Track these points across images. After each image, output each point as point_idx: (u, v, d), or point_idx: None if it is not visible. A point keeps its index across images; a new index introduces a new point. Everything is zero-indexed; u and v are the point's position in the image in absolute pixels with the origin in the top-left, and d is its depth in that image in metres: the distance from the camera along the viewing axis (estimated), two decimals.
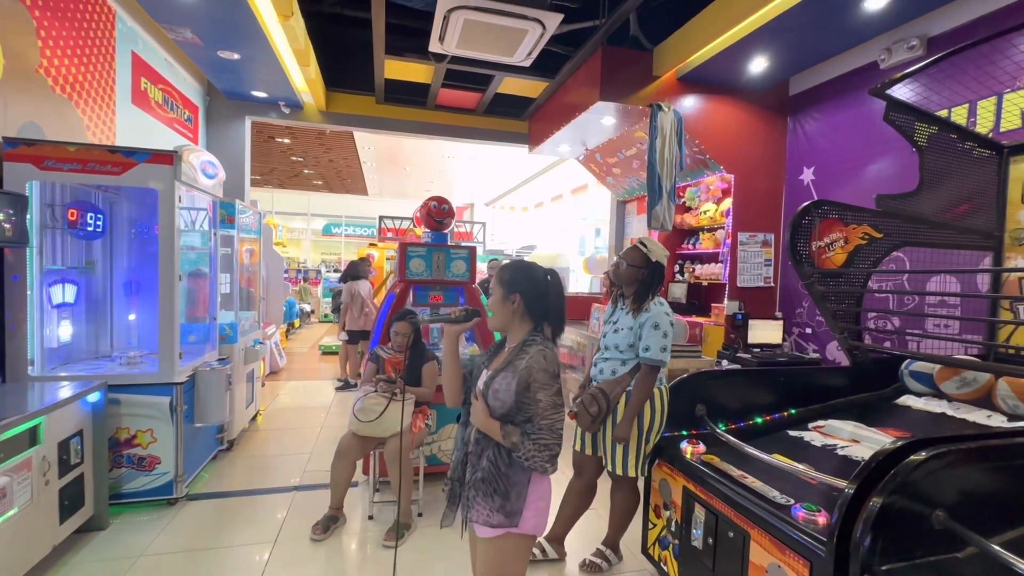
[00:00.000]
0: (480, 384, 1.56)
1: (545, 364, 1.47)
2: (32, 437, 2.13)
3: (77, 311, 3.07)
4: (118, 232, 3.33)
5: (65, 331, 2.97)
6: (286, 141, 9.29)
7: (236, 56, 4.32)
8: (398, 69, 5.17)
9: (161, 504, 2.88)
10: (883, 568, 1.29)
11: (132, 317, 3.38)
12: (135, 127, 3.98)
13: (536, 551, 2.48)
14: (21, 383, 2.56)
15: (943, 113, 3.03)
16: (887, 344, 3.37)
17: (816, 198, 3.90)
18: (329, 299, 11.62)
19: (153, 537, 2.59)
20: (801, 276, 2.53)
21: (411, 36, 4.52)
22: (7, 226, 2.40)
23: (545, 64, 4.74)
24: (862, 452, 1.97)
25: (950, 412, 2.29)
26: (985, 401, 2.29)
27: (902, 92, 2.60)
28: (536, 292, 1.57)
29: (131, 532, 2.62)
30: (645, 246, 2.31)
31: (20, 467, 2.03)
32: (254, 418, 4.47)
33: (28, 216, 2.56)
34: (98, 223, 3.08)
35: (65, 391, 2.39)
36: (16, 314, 2.57)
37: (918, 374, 2.55)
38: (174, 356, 2.84)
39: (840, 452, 2.01)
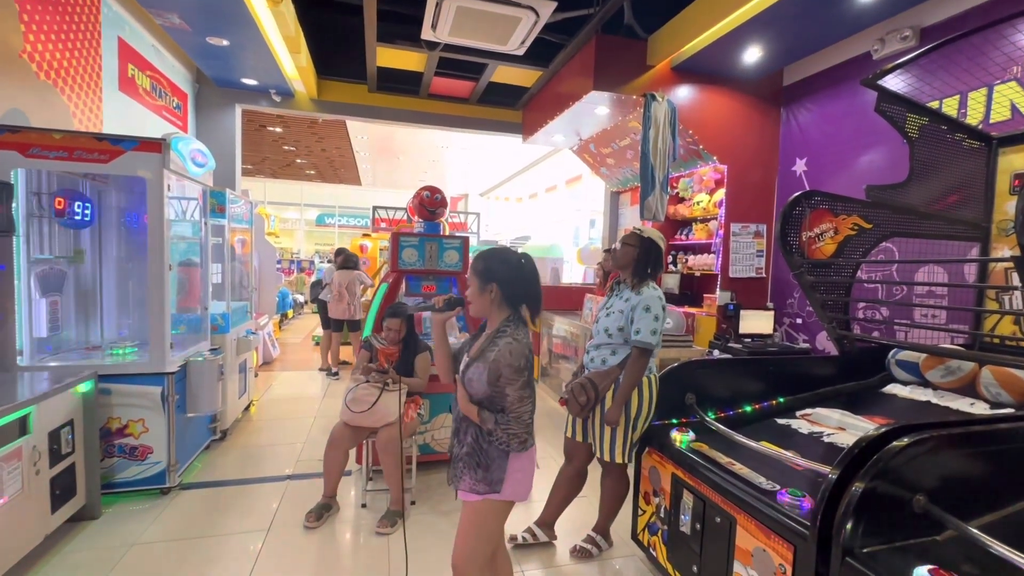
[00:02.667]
0: (461, 369, 1.67)
1: (511, 359, 1.54)
2: (22, 427, 2.12)
3: (66, 301, 3.04)
4: (107, 221, 3.29)
5: (55, 321, 2.94)
6: (278, 130, 9.18)
7: (225, 43, 4.26)
8: (390, 57, 5.12)
9: (154, 493, 2.89)
10: (864, 551, 1.32)
11: (122, 307, 3.35)
12: (122, 115, 3.92)
13: (527, 535, 2.51)
14: (10, 373, 2.54)
15: (934, 104, 3.04)
16: (875, 334, 3.42)
17: (808, 189, 3.92)
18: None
19: (146, 526, 2.60)
20: (791, 266, 2.55)
21: (403, 23, 4.47)
22: None
23: (539, 53, 4.71)
24: (848, 439, 2.00)
25: (935, 400, 2.32)
26: (969, 389, 2.33)
27: (894, 83, 2.61)
28: (511, 279, 1.62)
29: (124, 521, 2.63)
30: (640, 229, 2.35)
31: (10, 457, 2.03)
32: (247, 408, 4.47)
33: (14, 204, 2.53)
34: (86, 212, 3.04)
35: (55, 381, 2.38)
36: (4, 303, 2.54)
37: (904, 363, 2.59)
38: (165, 346, 2.83)
39: (826, 439, 2.04)
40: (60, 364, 2.74)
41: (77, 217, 2.96)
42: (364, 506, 2.89)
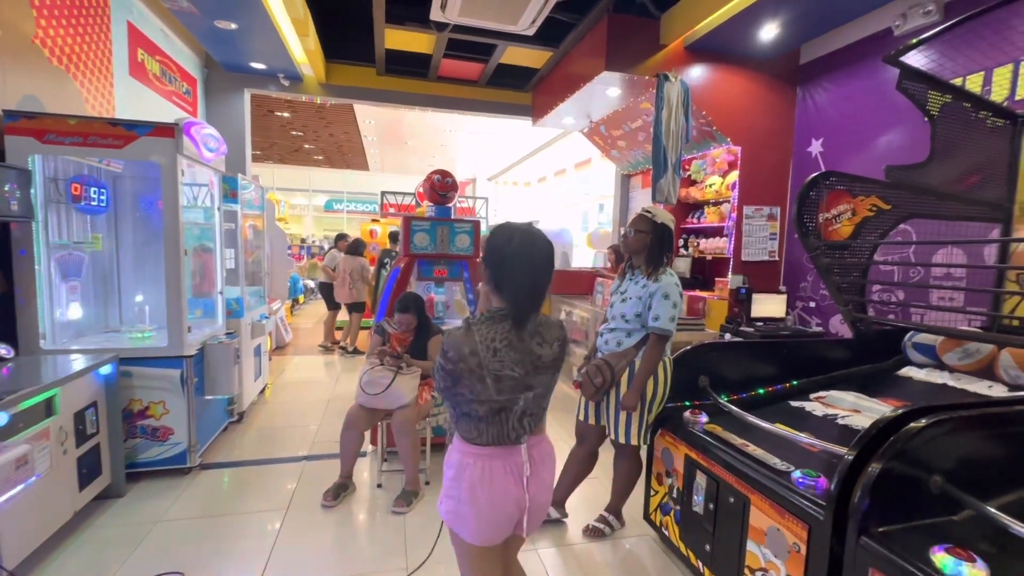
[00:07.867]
0: None
1: (443, 340, 1.28)
2: (48, 408, 2.18)
3: (86, 286, 3.10)
4: (123, 207, 3.32)
5: (75, 305, 3.00)
6: (286, 115, 9.14)
7: (233, 26, 4.23)
8: (399, 39, 5.06)
9: (176, 473, 2.96)
10: (880, 530, 1.33)
11: (140, 294, 3.40)
12: (133, 100, 3.93)
13: None
14: (34, 356, 2.60)
15: (957, 81, 2.96)
16: (891, 317, 3.38)
17: (824, 170, 3.85)
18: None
19: (169, 504, 2.67)
20: (807, 248, 2.52)
21: (412, 4, 4.40)
22: (12, 201, 2.40)
23: (549, 33, 4.62)
24: (863, 421, 2.00)
25: (951, 383, 2.31)
26: (987, 372, 2.31)
27: (916, 59, 2.53)
28: (494, 262, 1.28)
29: (148, 499, 2.71)
30: (650, 212, 2.32)
31: (39, 436, 2.09)
32: (263, 391, 4.54)
33: (32, 190, 2.56)
34: (102, 198, 3.07)
35: (78, 363, 2.43)
36: (26, 288, 2.60)
37: (921, 346, 2.57)
38: (182, 330, 2.87)
39: (841, 421, 2.04)
40: (82, 347, 2.79)
41: (93, 203, 3.00)
42: (380, 486, 2.94)
